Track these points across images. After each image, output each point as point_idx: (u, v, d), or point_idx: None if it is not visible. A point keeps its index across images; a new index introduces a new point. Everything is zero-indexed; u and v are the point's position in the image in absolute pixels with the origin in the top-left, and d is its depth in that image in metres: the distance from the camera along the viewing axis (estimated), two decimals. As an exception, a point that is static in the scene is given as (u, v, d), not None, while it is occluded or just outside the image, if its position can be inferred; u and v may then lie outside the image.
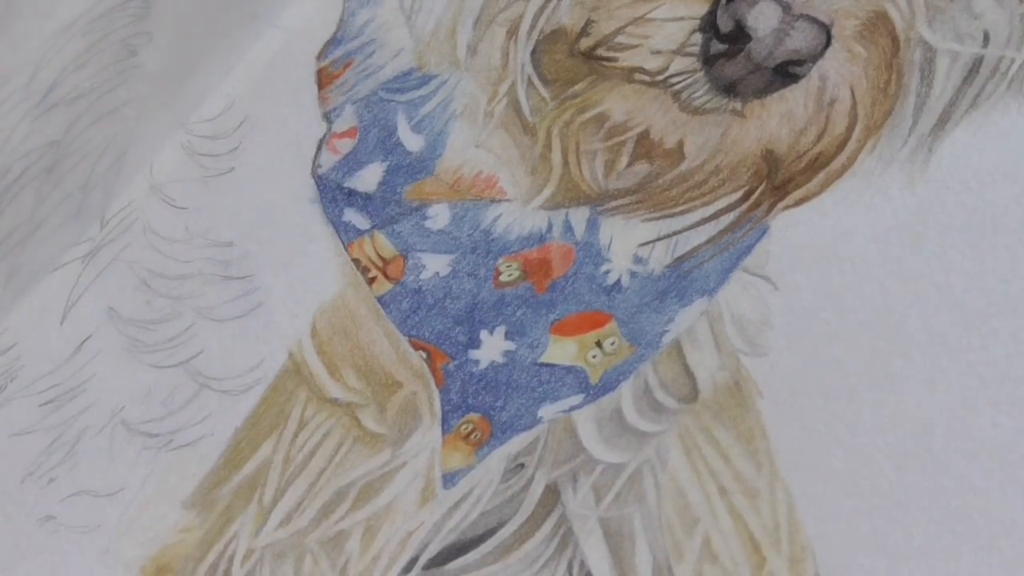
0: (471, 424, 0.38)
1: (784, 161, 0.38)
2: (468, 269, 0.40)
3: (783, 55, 0.38)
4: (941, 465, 0.34)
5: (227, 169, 0.43)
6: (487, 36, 0.42)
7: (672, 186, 0.39)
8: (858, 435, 0.35)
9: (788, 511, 0.35)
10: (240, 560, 0.39)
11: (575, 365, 0.38)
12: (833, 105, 0.38)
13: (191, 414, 0.41)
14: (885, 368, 0.35)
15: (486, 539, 0.37)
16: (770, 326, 0.37)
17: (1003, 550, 0.33)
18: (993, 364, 0.34)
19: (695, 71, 0.39)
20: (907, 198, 0.37)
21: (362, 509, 0.38)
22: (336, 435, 0.39)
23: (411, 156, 0.42)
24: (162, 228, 0.43)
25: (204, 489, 0.40)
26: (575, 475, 0.37)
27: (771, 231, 0.38)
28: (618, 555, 0.36)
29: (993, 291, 0.35)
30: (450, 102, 0.42)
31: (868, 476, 0.34)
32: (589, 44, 0.40)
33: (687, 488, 0.36)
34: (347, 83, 0.43)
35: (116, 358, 0.42)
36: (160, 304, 0.42)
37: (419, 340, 0.40)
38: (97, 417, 0.42)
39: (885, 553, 0.34)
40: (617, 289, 0.38)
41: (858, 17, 0.38)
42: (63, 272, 0.44)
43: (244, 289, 0.42)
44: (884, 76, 0.38)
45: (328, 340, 0.40)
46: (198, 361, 0.41)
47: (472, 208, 0.41)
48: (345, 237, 0.41)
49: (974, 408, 0.34)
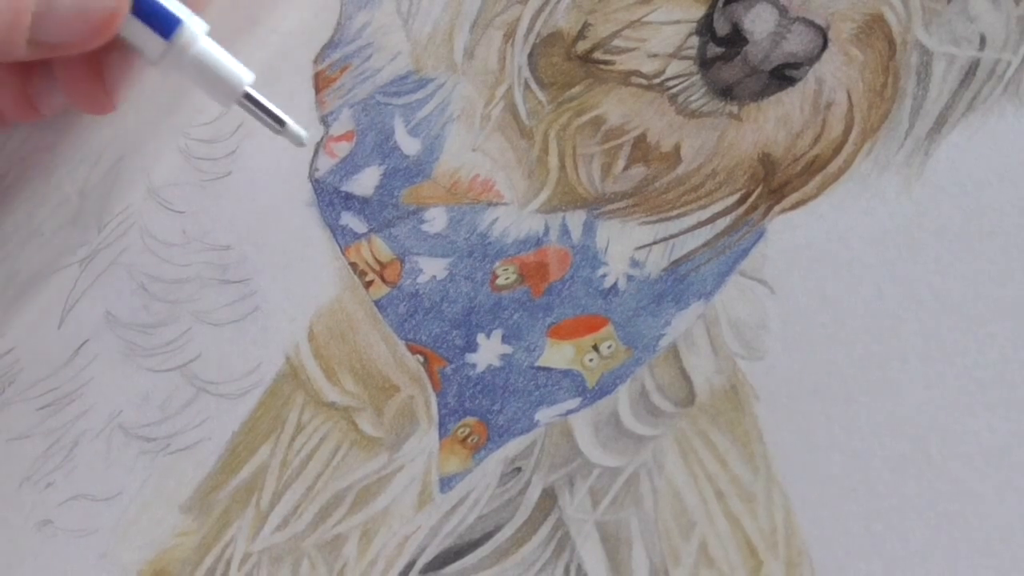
0: (468, 428, 0.38)
1: (780, 164, 0.38)
2: (465, 273, 0.40)
3: (779, 58, 0.38)
4: (938, 468, 0.34)
5: (224, 173, 0.43)
6: (484, 39, 0.42)
7: (669, 189, 0.39)
8: (854, 438, 0.35)
9: (785, 515, 0.35)
10: (237, 564, 0.39)
11: (572, 369, 0.38)
12: (829, 108, 0.38)
13: (188, 418, 0.41)
14: (882, 372, 0.35)
15: (483, 543, 0.37)
16: (767, 329, 0.37)
17: (1000, 554, 0.33)
18: (990, 368, 0.34)
19: (692, 74, 0.39)
20: (903, 201, 0.37)
21: (359, 513, 0.38)
22: (333, 439, 0.39)
23: (408, 160, 0.42)
24: (159, 232, 0.43)
25: (201, 493, 0.40)
26: (572, 479, 0.37)
27: (768, 234, 0.38)
28: (615, 559, 0.36)
29: (990, 294, 0.35)
30: (447, 105, 0.42)
31: (865, 479, 0.34)
32: (586, 47, 0.40)
33: (684, 492, 0.36)
34: (344, 87, 0.43)
35: (113, 362, 0.42)
36: (157, 308, 0.42)
37: (416, 344, 0.40)
38: (94, 421, 0.42)
39: (881, 557, 0.34)
40: (614, 292, 0.38)
41: (854, 20, 0.38)
42: (60, 276, 0.44)
43: (241, 293, 0.42)
44: (880, 79, 0.38)
45: (325, 344, 0.40)
46: (195, 365, 0.41)
47: (469, 212, 0.41)
48: (342, 241, 0.41)
49: (971, 412, 0.34)
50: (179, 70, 0.39)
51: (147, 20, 0.38)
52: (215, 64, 0.39)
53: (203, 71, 0.39)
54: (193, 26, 0.38)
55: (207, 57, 0.39)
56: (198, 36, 0.38)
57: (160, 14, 0.38)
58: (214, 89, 0.39)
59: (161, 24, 0.38)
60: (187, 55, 0.38)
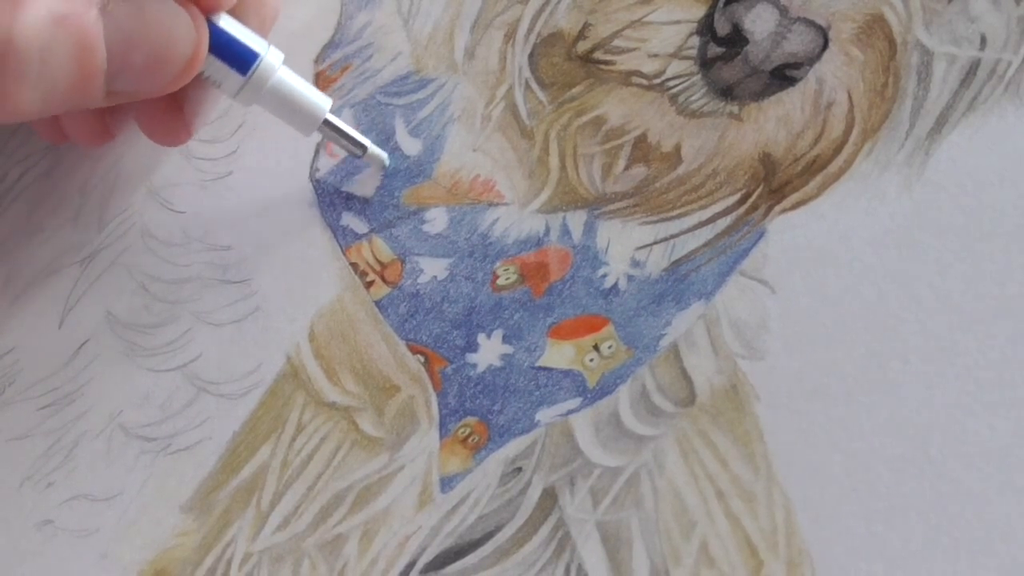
0: (468, 428, 0.38)
1: (781, 164, 0.38)
2: (466, 273, 0.40)
3: (780, 58, 0.38)
4: (938, 468, 0.34)
5: (225, 173, 0.43)
6: (484, 39, 0.42)
7: (669, 189, 0.39)
8: (855, 438, 0.35)
9: (785, 515, 0.35)
10: (238, 564, 0.39)
11: (572, 369, 0.38)
12: (830, 108, 0.38)
13: (189, 418, 0.41)
14: (882, 371, 0.35)
15: (484, 543, 0.37)
16: (767, 329, 0.37)
17: (1001, 554, 0.33)
18: (990, 367, 0.34)
19: (692, 74, 0.39)
20: (904, 201, 0.37)
21: (360, 513, 0.38)
22: (334, 439, 0.39)
23: (409, 160, 0.42)
24: (160, 232, 0.43)
25: (202, 493, 0.40)
26: (572, 479, 0.37)
27: (768, 234, 0.38)
28: (615, 559, 0.36)
29: (990, 294, 0.35)
30: (448, 106, 0.42)
31: (865, 479, 0.34)
32: (586, 48, 0.40)
33: (684, 492, 0.36)
34: (345, 87, 0.43)
35: (114, 362, 0.42)
36: (158, 308, 0.42)
37: (417, 344, 0.40)
38: (95, 421, 0.42)
39: (882, 557, 0.34)
40: (614, 292, 0.38)
41: (855, 20, 0.38)
42: (61, 276, 0.44)
43: (242, 293, 0.42)
44: (881, 79, 0.38)
45: (326, 344, 0.40)
46: (196, 365, 0.41)
47: (470, 212, 0.41)
48: (343, 241, 0.41)
49: (971, 411, 0.34)
50: (258, 101, 0.39)
51: (224, 57, 0.37)
52: (293, 94, 0.39)
53: (282, 102, 0.39)
54: (270, 57, 0.38)
55: (285, 87, 0.39)
56: (276, 67, 0.38)
57: (237, 50, 0.37)
58: (294, 118, 0.39)
59: (238, 60, 0.37)
60: (265, 88, 0.38)
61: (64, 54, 0.33)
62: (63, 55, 0.33)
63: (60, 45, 0.33)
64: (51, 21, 0.32)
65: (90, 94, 0.34)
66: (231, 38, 0.37)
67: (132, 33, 0.34)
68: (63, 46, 0.33)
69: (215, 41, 0.37)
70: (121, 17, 0.34)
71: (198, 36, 0.36)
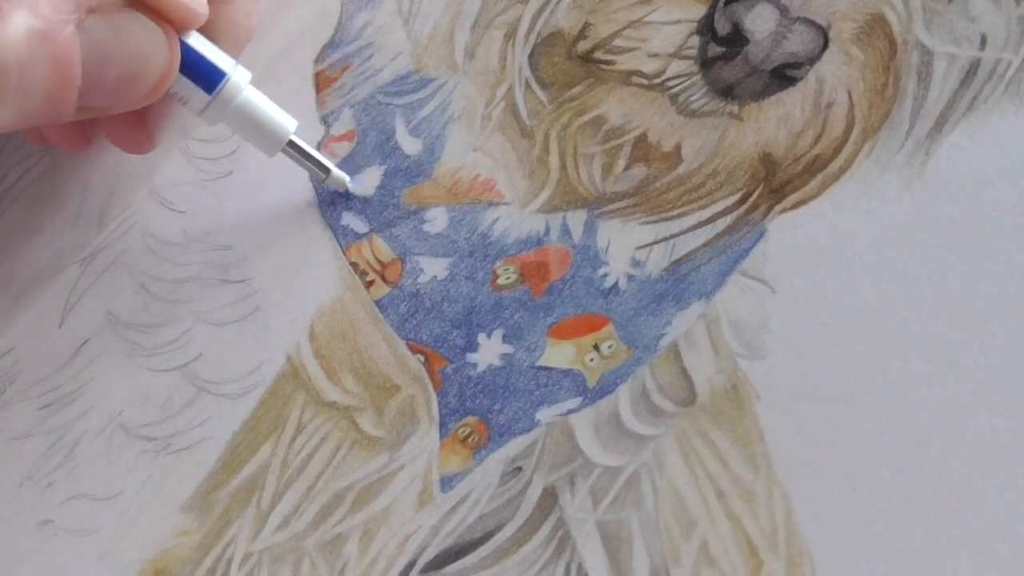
0: (469, 427, 0.38)
1: (781, 164, 0.38)
2: (466, 272, 0.40)
3: (780, 58, 0.38)
4: (939, 468, 0.34)
5: (225, 173, 0.43)
6: (485, 39, 0.42)
7: (669, 189, 0.39)
8: (855, 438, 0.35)
9: (786, 514, 0.35)
10: (238, 564, 0.39)
11: (572, 368, 0.38)
12: (830, 108, 0.38)
13: (189, 418, 0.41)
14: (883, 371, 0.35)
15: (484, 542, 0.37)
16: (767, 329, 0.37)
17: (1001, 554, 0.33)
18: (991, 367, 0.34)
19: (692, 74, 0.39)
20: (904, 201, 0.37)
21: (360, 512, 0.38)
22: (334, 438, 0.39)
23: (409, 159, 0.42)
24: (160, 232, 0.43)
25: (202, 493, 0.40)
26: (573, 478, 0.37)
27: (768, 234, 0.38)
28: (616, 558, 0.36)
29: (990, 294, 0.35)
30: (448, 105, 0.42)
31: (866, 479, 0.34)
32: (587, 47, 0.40)
33: (684, 492, 0.36)
34: (345, 86, 0.43)
35: (114, 362, 0.42)
36: (158, 308, 0.42)
37: (417, 344, 0.40)
38: (95, 421, 0.42)
39: (882, 557, 0.34)
40: (614, 292, 0.38)
41: (855, 20, 0.38)
42: (61, 276, 0.44)
43: (242, 293, 0.42)
44: (881, 79, 0.38)
45: (326, 344, 0.40)
46: (196, 365, 0.41)
47: (470, 211, 0.41)
48: (343, 241, 0.41)
49: (972, 411, 0.34)
50: (223, 120, 0.39)
51: (191, 75, 0.37)
52: (258, 114, 0.39)
53: (246, 122, 0.39)
54: (237, 77, 0.38)
55: (250, 107, 0.39)
56: (242, 87, 0.38)
57: (204, 69, 0.37)
58: (258, 139, 0.39)
59: (205, 79, 0.38)
60: (231, 107, 0.38)
61: (41, 70, 0.33)
62: (40, 71, 0.33)
63: (38, 61, 0.33)
64: (30, 37, 0.32)
65: (62, 109, 0.35)
66: (199, 56, 0.37)
67: (107, 50, 0.34)
68: (41, 62, 0.33)
69: (183, 59, 0.37)
70: (97, 34, 0.34)
71: (171, 54, 0.36)
